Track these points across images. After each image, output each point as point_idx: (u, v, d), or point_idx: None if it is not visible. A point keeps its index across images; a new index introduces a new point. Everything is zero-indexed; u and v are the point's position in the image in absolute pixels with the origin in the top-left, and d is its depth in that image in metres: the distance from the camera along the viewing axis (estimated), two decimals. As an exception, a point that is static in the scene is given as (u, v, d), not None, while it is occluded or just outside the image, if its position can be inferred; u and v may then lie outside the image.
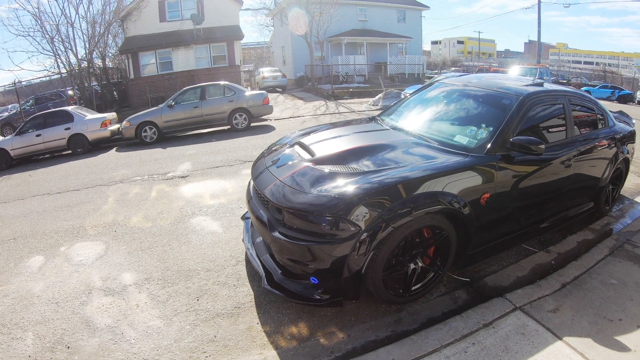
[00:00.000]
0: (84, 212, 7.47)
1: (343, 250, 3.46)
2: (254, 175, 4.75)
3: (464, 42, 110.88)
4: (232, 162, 10.43)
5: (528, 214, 4.96)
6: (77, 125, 15.31)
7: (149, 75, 29.02)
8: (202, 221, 6.50)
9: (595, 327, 3.72)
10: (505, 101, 4.89)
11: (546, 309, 3.97)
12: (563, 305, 4.03)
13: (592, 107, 6.13)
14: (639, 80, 49.37)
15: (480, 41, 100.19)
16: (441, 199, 3.80)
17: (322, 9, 31.00)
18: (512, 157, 4.38)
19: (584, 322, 3.79)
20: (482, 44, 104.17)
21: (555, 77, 37.42)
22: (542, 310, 3.95)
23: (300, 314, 4.00)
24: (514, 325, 3.71)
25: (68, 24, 26.20)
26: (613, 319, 3.84)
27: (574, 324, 3.75)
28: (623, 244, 5.45)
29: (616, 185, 6.86)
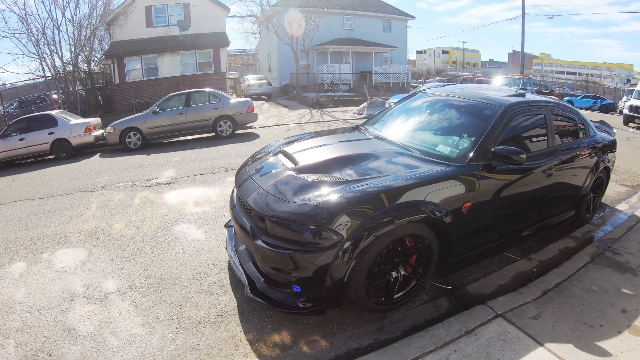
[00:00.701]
0: (67, 218, 7.40)
1: (325, 258, 3.47)
2: (237, 184, 4.75)
3: (448, 52, 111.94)
4: (216, 170, 10.41)
5: (509, 223, 5.02)
6: (61, 130, 15.17)
7: (134, 81, 28.85)
8: (186, 229, 6.48)
9: (576, 333, 3.78)
10: (487, 111, 4.96)
11: (527, 316, 4.01)
12: (544, 312, 4.09)
13: (573, 117, 6.24)
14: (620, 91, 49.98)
15: (465, 51, 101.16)
16: (423, 208, 3.83)
17: (309, 17, 31.11)
18: (493, 166, 4.44)
19: (565, 328, 3.84)
20: (467, 54, 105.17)
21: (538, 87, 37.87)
22: (524, 317, 3.99)
23: (283, 322, 4.00)
24: (496, 332, 3.74)
25: (54, 26, 25.90)
26: (594, 325, 3.90)
27: (555, 330, 3.80)
28: (604, 251, 5.54)
29: (597, 194, 6.99)
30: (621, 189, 9.23)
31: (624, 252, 5.54)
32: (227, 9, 33.54)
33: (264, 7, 44.89)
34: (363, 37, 40.85)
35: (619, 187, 9.37)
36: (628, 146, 15.61)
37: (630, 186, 9.54)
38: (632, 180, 10.13)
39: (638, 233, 6.25)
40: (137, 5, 29.53)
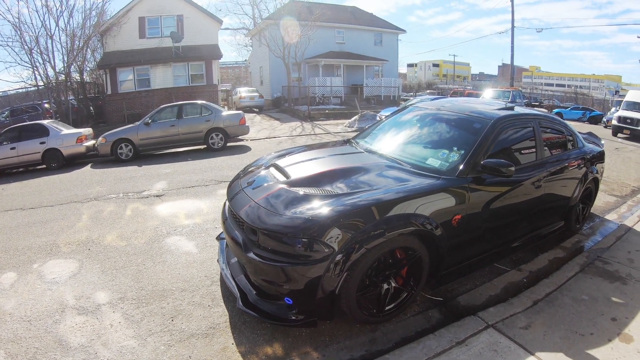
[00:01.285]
0: (58, 228, 7.37)
1: (317, 271, 3.50)
2: (229, 196, 4.78)
3: (439, 65, 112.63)
4: (207, 182, 10.41)
5: (499, 234, 5.08)
6: (53, 140, 15.13)
7: (126, 92, 28.85)
8: (177, 241, 6.47)
9: (567, 342, 3.81)
10: (477, 125, 5.03)
11: (518, 326, 4.04)
12: (535, 322, 4.12)
13: (561, 129, 6.35)
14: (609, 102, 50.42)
15: (455, 64, 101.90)
16: (413, 221, 3.87)
17: (301, 30, 31.25)
18: (483, 179, 4.49)
19: (556, 337, 3.88)
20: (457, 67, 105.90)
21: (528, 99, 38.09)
22: (514, 327, 4.03)
23: (275, 335, 4.01)
24: (487, 343, 3.77)
25: (47, 36, 25.85)
26: (584, 334, 3.94)
27: (545, 340, 3.84)
28: (594, 261, 5.61)
29: (586, 204, 7.07)
30: (610, 199, 9.33)
31: (614, 261, 5.61)
32: (219, 21, 33.66)
33: (256, 20, 45.13)
34: (354, 51, 41.14)
35: (608, 197, 9.47)
36: (617, 157, 15.77)
37: (619, 196, 9.65)
38: (621, 190, 10.24)
39: (627, 242, 6.34)
40: (131, 16, 29.60)
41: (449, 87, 66.86)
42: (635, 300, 4.60)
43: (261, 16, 42.13)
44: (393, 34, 45.03)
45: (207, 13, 32.61)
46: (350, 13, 44.21)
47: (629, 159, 15.57)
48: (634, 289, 4.84)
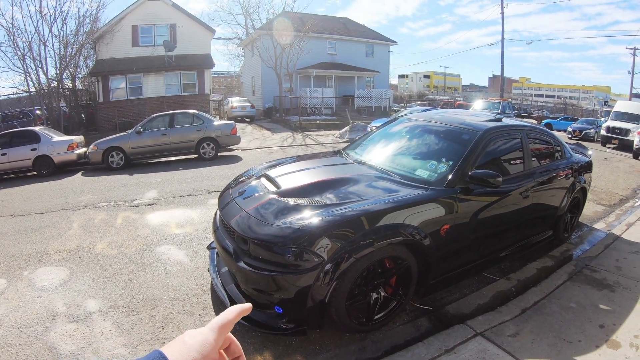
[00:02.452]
0: (48, 236, 7.35)
1: (307, 280, 3.53)
2: (220, 206, 4.81)
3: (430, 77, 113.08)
4: (198, 192, 10.42)
5: (488, 244, 5.14)
6: (44, 147, 15.05)
7: (118, 100, 28.81)
8: (168, 250, 6.48)
9: (554, 349, 3.86)
10: (465, 136, 5.11)
11: (506, 334, 4.09)
12: (523, 330, 4.17)
13: (549, 140, 6.46)
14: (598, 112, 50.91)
15: (446, 76, 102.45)
16: (402, 231, 3.92)
17: (293, 41, 31.38)
18: (471, 189, 4.56)
19: (544, 344, 3.93)
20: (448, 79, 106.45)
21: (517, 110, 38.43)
22: (503, 335, 4.07)
23: (265, 343, 4.03)
24: (475, 350, 3.81)
25: (41, 42, 25.78)
26: (572, 341, 3.99)
27: (534, 347, 3.88)
28: (582, 269, 5.68)
29: (574, 214, 7.16)
30: (599, 208, 9.46)
31: (602, 269, 5.69)
32: (212, 31, 33.77)
33: (249, 30, 45.38)
34: (346, 62, 41.36)
35: (597, 206, 9.59)
36: (606, 166, 15.95)
37: (608, 205, 9.77)
38: (610, 199, 10.37)
39: (615, 250, 6.43)
40: (124, 24, 29.65)
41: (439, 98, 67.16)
42: (622, 307, 4.66)
43: (254, 26, 42.46)
44: (384, 45, 45.35)
45: (200, 22, 32.73)
46: (342, 24, 44.50)
47: (618, 169, 15.75)
48: (621, 297, 4.91)
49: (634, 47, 50.42)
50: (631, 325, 4.29)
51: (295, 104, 33.33)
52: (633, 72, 50.50)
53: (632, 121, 24.03)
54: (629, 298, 4.89)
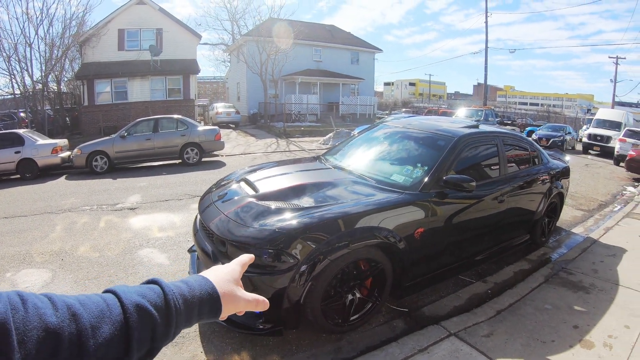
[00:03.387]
0: (31, 238, 7.35)
1: (283, 281, 3.62)
2: (200, 209, 4.88)
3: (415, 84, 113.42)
4: (181, 196, 10.46)
5: (463, 247, 5.25)
6: (28, 150, 14.89)
7: (103, 104, 28.59)
8: (150, 253, 6.53)
9: (528, 348, 3.97)
10: (441, 142, 5.24)
11: (480, 334, 4.18)
12: (497, 330, 4.27)
13: (525, 146, 6.61)
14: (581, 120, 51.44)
15: (431, 83, 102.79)
16: (377, 234, 4.02)
17: (278, 48, 31.43)
18: (445, 194, 4.67)
19: (517, 344, 4.03)
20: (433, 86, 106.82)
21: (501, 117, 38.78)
22: (476, 335, 4.17)
23: (243, 343, 4.10)
24: (448, 350, 3.90)
25: (26, 44, 25.56)
26: (546, 341, 4.10)
27: (507, 347, 3.98)
28: (558, 272, 5.82)
29: (552, 218, 7.32)
30: (578, 213, 9.64)
31: (578, 272, 5.83)
32: (198, 36, 33.72)
33: (235, 36, 45.23)
34: (331, 69, 41.49)
35: (576, 211, 9.78)
36: (587, 172, 16.22)
37: (587, 210, 9.96)
38: (589, 204, 10.56)
39: (592, 254, 6.59)
40: (110, 27, 29.47)
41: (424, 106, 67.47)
42: (597, 308, 4.79)
43: (240, 32, 42.37)
44: (370, 53, 45.56)
45: (186, 28, 32.66)
46: (328, 31, 44.59)
47: (598, 175, 16.02)
48: (596, 298, 5.04)
49: (617, 56, 51.12)
50: (605, 325, 4.41)
51: (280, 110, 33.31)
52: (615, 80, 51.19)
53: (613, 128, 24.44)
54: (604, 299, 5.02)
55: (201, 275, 1.01)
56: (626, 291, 5.26)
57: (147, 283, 0.92)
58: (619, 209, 10.14)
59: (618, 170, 17.87)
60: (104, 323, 0.77)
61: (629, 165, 16.09)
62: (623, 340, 4.14)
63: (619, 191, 13.12)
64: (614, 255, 6.55)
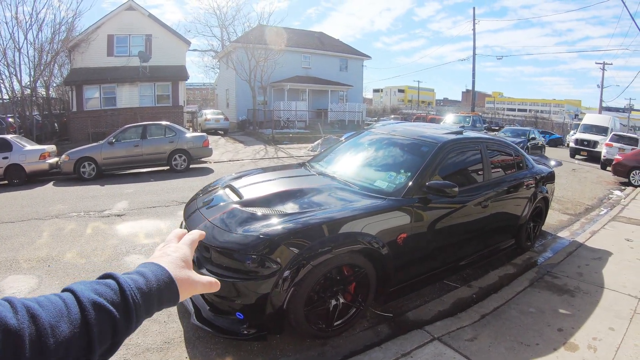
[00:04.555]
0: (18, 245, 7.30)
1: (266, 287, 3.65)
2: (185, 216, 4.92)
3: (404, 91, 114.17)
4: (168, 203, 10.44)
5: (447, 253, 5.31)
6: (16, 155, 14.78)
7: (92, 110, 28.46)
8: (136, 259, 6.52)
9: (512, 352, 4.00)
10: (424, 148, 5.30)
11: (464, 338, 4.22)
12: (481, 334, 4.31)
13: (509, 151, 6.69)
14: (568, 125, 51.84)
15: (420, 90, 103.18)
16: (360, 239, 4.07)
17: (267, 54, 31.47)
18: (428, 199, 4.72)
19: (501, 348, 4.07)
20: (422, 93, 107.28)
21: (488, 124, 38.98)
22: (460, 339, 4.20)
23: (227, 349, 4.11)
24: (432, 354, 3.93)
25: (15, 48, 25.41)
26: (530, 344, 4.14)
27: (490, 350, 4.02)
28: (543, 276, 5.88)
29: (537, 222, 7.39)
30: (564, 217, 9.75)
31: (563, 275, 5.90)
32: (188, 42, 33.73)
33: (224, 43, 45.36)
34: (320, 76, 41.60)
35: (562, 215, 9.88)
36: (574, 177, 16.32)
37: (573, 214, 10.07)
38: (575, 208, 10.68)
39: (577, 257, 6.66)
40: (100, 33, 29.42)
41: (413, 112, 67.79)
42: (582, 311, 4.85)
43: (229, 39, 42.54)
44: (358, 60, 45.70)
45: (175, 34, 32.67)
46: (317, 38, 44.71)
47: (585, 179, 16.15)
48: (581, 301, 5.10)
49: (604, 62, 51.73)
50: (590, 328, 4.47)
51: (269, 117, 33.32)
52: (602, 86, 51.67)
53: (600, 133, 24.71)
54: (589, 302, 5.08)
55: (155, 264, 1.02)
56: (611, 294, 5.33)
57: (103, 278, 0.93)
58: (605, 213, 10.26)
59: (605, 175, 18.05)
60: (62, 322, 0.79)
61: (616, 169, 16.25)
62: (607, 342, 4.19)
63: (605, 195, 13.26)
64: (600, 259, 6.62)
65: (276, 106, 35.93)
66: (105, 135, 19.47)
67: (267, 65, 31.57)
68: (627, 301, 5.13)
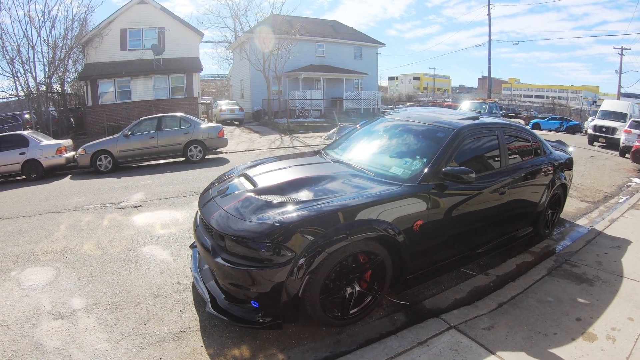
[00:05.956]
0: (36, 238, 7.39)
1: (281, 275, 3.63)
2: (200, 205, 4.90)
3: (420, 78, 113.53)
4: (184, 194, 10.49)
5: (464, 240, 5.23)
6: (32, 151, 15.04)
7: (107, 104, 28.78)
8: (152, 250, 6.55)
9: (529, 341, 3.95)
10: (440, 134, 5.21)
11: (481, 327, 4.17)
12: (498, 323, 4.25)
13: (527, 137, 6.56)
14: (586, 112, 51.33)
15: (435, 77, 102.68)
16: (376, 226, 4.02)
17: (281, 44, 31.41)
18: (445, 186, 4.65)
19: (518, 337, 4.01)
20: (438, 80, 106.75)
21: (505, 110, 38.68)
22: (477, 328, 4.16)
23: (243, 337, 4.11)
24: (448, 343, 3.90)
25: (29, 45, 25.77)
26: (548, 334, 4.08)
27: (507, 339, 3.97)
28: (562, 264, 5.78)
29: (555, 210, 7.25)
30: (582, 205, 9.59)
31: (582, 264, 5.79)
32: (201, 34, 33.82)
33: (237, 34, 45.36)
34: (334, 64, 41.52)
35: (580, 203, 9.73)
36: (592, 164, 16.09)
37: (591, 202, 9.91)
38: (594, 196, 10.51)
39: (596, 246, 6.55)
40: (113, 28, 29.67)
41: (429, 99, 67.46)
42: (601, 300, 4.76)
43: (242, 29, 42.49)
44: (373, 48, 45.56)
45: (188, 26, 32.75)
46: (331, 27, 44.64)
47: (604, 166, 15.89)
48: (600, 290, 5.01)
49: (622, 47, 50.96)
50: (608, 318, 4.39)
51: (283, 106, 33.36)
52: (621, 71, 51.07)
53: (619, 120, 24.30)
54: (608, 292, 4.99)
55: None
56: (630, 283, 5.23)
57: None
58: (624, 201, 10.09)
59: (624, 162, 17.75)
60: None
61: (635, 156, 15.99)
62: (626, 332, 4.12)
63: (624, 183, 13.05)
64: (619, 247, 6.51)
65: (291, 95, 36.07)
66: (120, 128, 19.66)
67: (281, 55, 31.52)
68: (646, 291, 5.04)
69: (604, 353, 3.79)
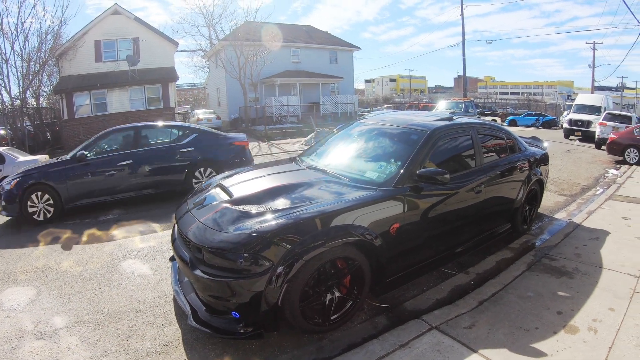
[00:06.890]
0: (15, 257, 7.26)
1: (260, 284, 3.63)
2: (177, 218, 4.90)
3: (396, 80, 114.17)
4: (161, 205, 10.40)
5: (442, 240, 5.27)
6: (9, 167, 14.55)
7: (83, 117, 28.44)
8: (132, 264, 6.49)
9: (510, 337, 4.00)
10: (414, 136, 5.27)
11: (462, 326, 4.21)
12: (479, 321, 4.30)
13: (501, 135, 6.67)
14: (561, 106, 51.94)
15: (412, 78, 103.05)
16: (352, 232, 4.05)
17: (256, 51, 31.40)
18: (420, 188, 4.70)
19: (500, 334, 4.06)
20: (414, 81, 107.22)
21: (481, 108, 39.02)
22: (458, 327, 4.20)
23: (225, 348, 4.10)
24: (430, 344, 3.93)
25: (2, 60, 25.39)
26: (529, 329, 4.14)
27: (489, 337, 4.02)
28: (541, 259, 5.88)
29: (533, 205, 7.35)
30: (560, 198, 9.75)
31: (560, 257, 5.89)
32: (175, 43, 33.70)
33: (212, 42, 45.27)
34: (310, 69, 41.66)
35: (558, 197, 9.89)
36: (568, 158, 16.31)
37: (569, 195, 10.07)
38: (571, 189, 10.68)
39: (575, 239, 6.68)
40: (87, 39, 29.37)
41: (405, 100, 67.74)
42: (581, 292, 4.84)
43: (217, 37, 42.40)
44: (348, 51, 45.80)
45: (163, 36, 32.61)
46: (305, 32, 44.79)
47: (580, 159, 16.13)
48: (580, 282, 5.10)
49: (594, 42, 51.90)
50: (589, 309, 4.47)
51: (261, 113, 33.45)
52: (594, 65, 51.82)
53: (594, 113, 24.71)
54: (588, 283, 5.08)
55: None
56: (610, 274, 5.33)
57: None
58: (601, 192, 10.28)
59: (600, 154, 18.06)
60: None
61: (610, 148, 16.29)
62: (608, 323, 4.19)
63: (601, 174, 13.29)
64: (597, 239, 6.63)
65: (268, 102, 36.08)
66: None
67: (257, 62, 31.54)
68: (626, 280, 5.14)
69: (586, 344, 3.85)
